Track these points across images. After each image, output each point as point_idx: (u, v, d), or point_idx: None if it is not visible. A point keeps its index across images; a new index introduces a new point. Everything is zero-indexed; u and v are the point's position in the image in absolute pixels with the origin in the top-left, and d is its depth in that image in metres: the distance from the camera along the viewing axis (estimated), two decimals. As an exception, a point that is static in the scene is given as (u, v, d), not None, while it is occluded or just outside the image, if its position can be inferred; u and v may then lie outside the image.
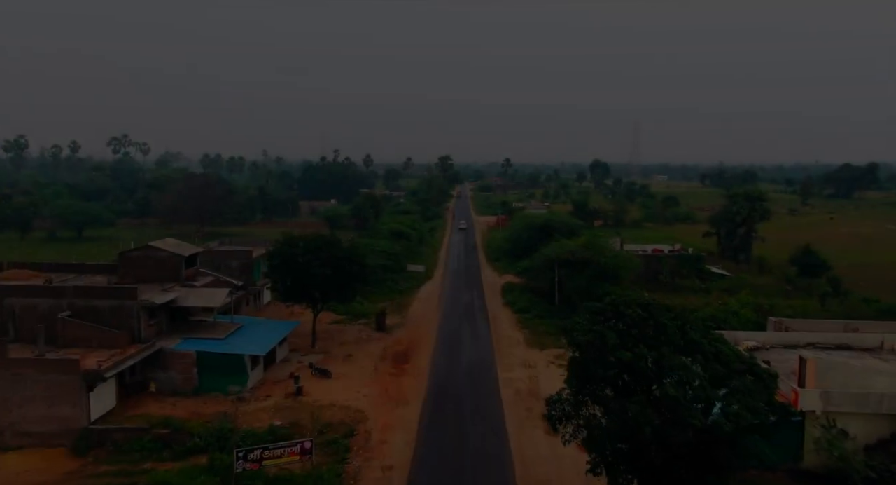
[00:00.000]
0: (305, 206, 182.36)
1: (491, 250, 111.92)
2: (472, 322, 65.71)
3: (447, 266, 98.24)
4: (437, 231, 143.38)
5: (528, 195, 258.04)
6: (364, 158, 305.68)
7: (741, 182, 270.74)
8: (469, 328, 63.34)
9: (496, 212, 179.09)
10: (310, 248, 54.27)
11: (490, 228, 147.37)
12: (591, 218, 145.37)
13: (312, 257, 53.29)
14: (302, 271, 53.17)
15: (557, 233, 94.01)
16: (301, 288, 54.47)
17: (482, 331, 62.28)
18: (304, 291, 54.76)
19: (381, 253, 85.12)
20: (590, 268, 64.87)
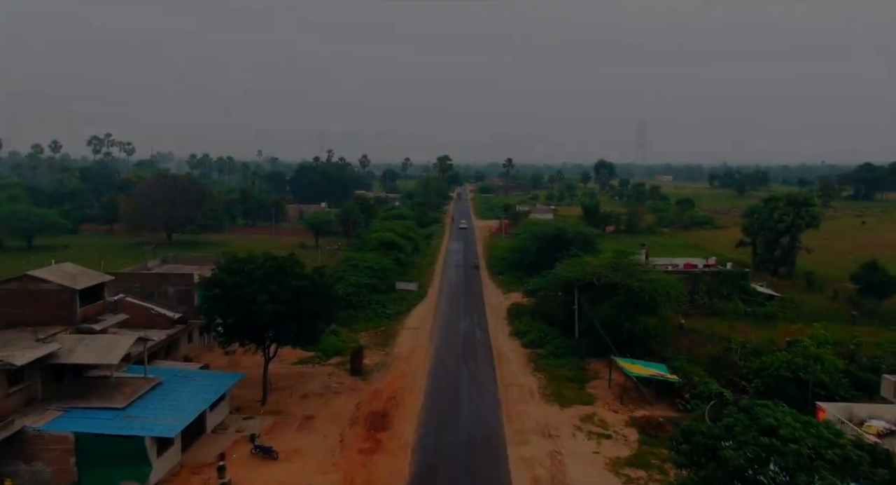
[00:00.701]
0: (294, 209, 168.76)
1: (494, 261, 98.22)
2: (472, 362, 52.00)
3: (444, 282, 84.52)
4: (435, 237, 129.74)
5: (531, 197, 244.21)
6: (360, 159, 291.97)
7: (753, 183, 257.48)
8: (468, 372, 49.64)
9: (498, 215, 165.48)
10: (257, 276, 40.64)
11: (492, 234, 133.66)
12: (603, 223, 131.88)
13: (261, 289, 39.68)
14: (247, 307, 39.55)
15: (572, 245, 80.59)
16: (247, 328, 40.83)
17: (485, 376, 48.61)
18: (252, 332, 41.12)
19: (365, 270, 71.60)
20: (620, 294, 51.16)
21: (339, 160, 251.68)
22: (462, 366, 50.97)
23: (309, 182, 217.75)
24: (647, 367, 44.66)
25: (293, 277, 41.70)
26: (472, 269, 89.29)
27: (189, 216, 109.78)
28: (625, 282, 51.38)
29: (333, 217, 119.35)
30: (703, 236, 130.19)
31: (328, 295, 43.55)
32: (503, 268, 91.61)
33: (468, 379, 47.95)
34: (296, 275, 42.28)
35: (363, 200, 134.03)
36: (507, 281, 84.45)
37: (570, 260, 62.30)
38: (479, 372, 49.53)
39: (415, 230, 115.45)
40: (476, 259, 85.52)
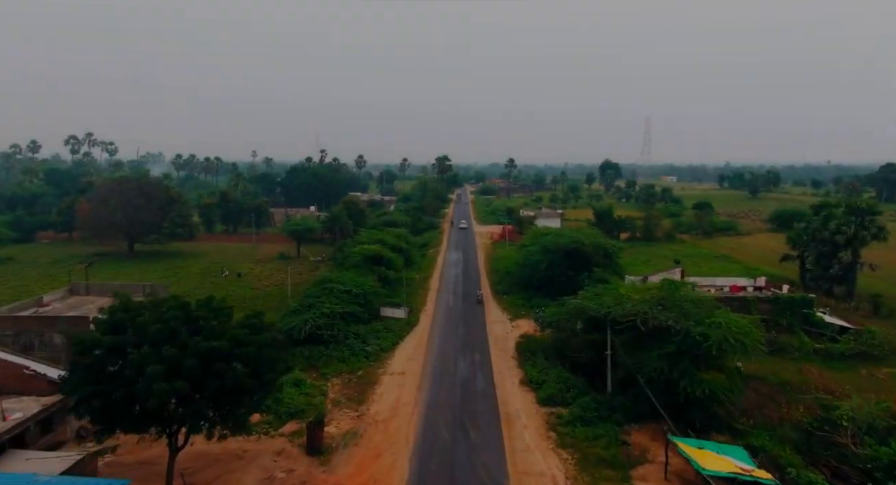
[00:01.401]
0: (281, 214, 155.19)
1: (498, 277, 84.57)
2: (472, 429, 38.43)
3: (439, 304, 70.85)
4: (432, 246, 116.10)
5: (534, 199, 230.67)
6: (356, 159, 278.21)
7: (766, 184, 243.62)
8: (467, 447, 36.08)
9: (500, 220, 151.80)
10: (151, 334, 27.10)
11: (494, 242, 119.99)
12: (617, 230, 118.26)
13: (152, 355, 26.19)
14: (131, 383, 26.02)
15: (591, 260, 67.16)
16: (134, 412, 27.22)
17: (490, 456, 35.01)
18: (142, 418, 27.47)
19: (342, 296, 57.96)
20: (672, 340, 37.53)
21: (333, 161, 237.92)
22: (459, 437, 37.37)
23: (300, 184, 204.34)
24: (720, 454, 31.08)
25: (206, 335, 28.08)
26: (476, 303, 75.07)
27: (153, 224, 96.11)
28: (680, 325, 37.70)
29: (318, 224, 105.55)
30: (728, 245, 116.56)
31: (265, 359, 29.79)
32: (508, 286, 78.02)
33: (467, 462, 34.34)
34: (211, 331, 28.63)
35: (352, 205, 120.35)
36: (513, 303, 70.86)
37: (598, 288, 48.78)
38: (481, 447, 35.94)
39: (408, 239, 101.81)
40: (480, 291, 70.17)
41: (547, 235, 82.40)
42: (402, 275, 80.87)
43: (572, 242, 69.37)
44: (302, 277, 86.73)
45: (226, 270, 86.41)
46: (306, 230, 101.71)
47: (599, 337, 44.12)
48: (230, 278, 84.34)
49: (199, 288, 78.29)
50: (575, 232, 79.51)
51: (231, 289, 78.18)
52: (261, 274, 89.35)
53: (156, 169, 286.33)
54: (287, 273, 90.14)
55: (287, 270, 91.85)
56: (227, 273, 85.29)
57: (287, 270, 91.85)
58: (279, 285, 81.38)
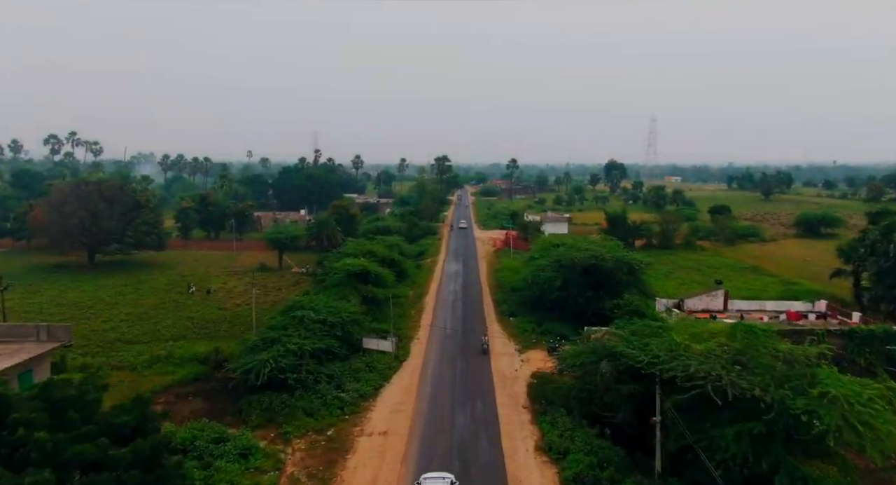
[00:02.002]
0: (269, 218, 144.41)
1: (502, 294, 73.56)
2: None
3: (435, 331, 59.78)
4: (429, 255, 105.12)
5: (537, 201, 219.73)
6: (353, 160, 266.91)
7: (778, 185, 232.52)
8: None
9: (503, 224, 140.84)
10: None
11: (497, 250, 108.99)
12: (632, 236, 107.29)
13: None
14: None
15: (613, 278, 56.29)
16: None
17: None
18: None
19: (315, 327, 46.96)
20: (760, 415, 26.47)
21: (328, 161, 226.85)
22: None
23: (292, 186, 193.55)
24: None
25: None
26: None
27: (114, 231, 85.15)
28: (770, 396, 26.60)
29: (303, 231, 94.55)
30: (753, 253, 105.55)
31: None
32: (515, 306, 66.97)
33: None
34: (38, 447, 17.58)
35: (342, 210, 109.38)
36: (521, 328, 59.83)
37: (635, 323, 37.84)
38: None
39: (402, 248, 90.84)
40: (486, 338, 53.14)
41: (559, 247, 71.42)
42: (393, 292, 70.02)
43: (591, 257, 58.27)
44: (281, 294, 75.78)
45: (192, 285, 75.48)
46: (289, 239, 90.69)
47: (640, 392, 33.23)
48: (198, 295, 73.46)
49: (160, 307, 67.47)
50: (591, 243, 68.51)
51: (195, 309, 67.30)
52: (234, 289, 78.43)
53: (145, 170, 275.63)
54: (264, 289, 79.56)
55: (265, 285, 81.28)
56: (193, 289, 74.39)
57: (265, 285, 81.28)
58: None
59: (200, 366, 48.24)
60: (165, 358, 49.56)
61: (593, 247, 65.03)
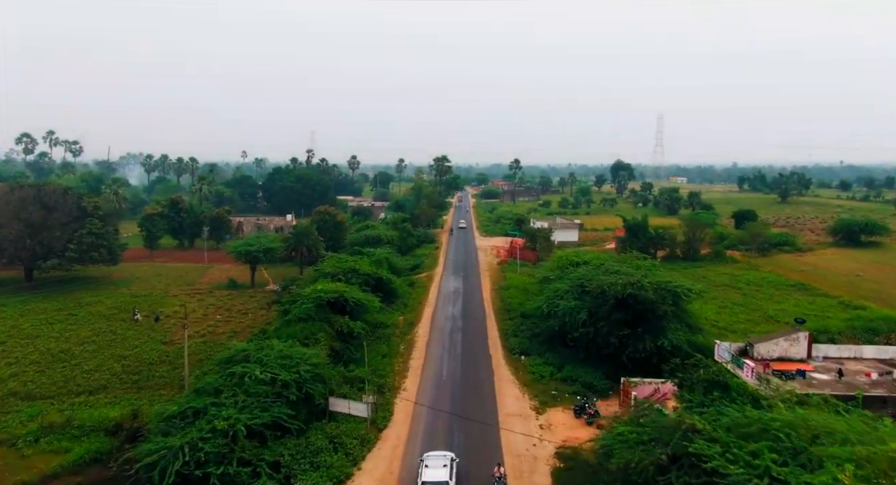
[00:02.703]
0: (251, 223, 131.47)
1: (511, 323, 60.37)
2: None
3: (426, 378, 46.63)
4: (425, 267, 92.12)
5: (542, 204, 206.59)
6: (349, 160, 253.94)
7: (796, 186, 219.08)
8: None
9: (507, 231, 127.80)
10: None
11: (501, 262, 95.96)
12: (654, 246, 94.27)
13: None
14: None
15: (656, 313, 43.39)
16: None
17: None
18: None
19: (259, 389, 33.90)
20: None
21: (321, 161, 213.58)
22: None
23: (281, 188, 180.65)
24: None
25: None
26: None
27: (54, 244, 72.25)
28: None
29: (278, 243, 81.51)
30: (792, 265, 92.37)
31: None
32: (527, 340, 53.88)
33: None
34: None
35: (327, 216, 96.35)
36: (536, 373, 46.81)
37: (739, 420, 24.63)
38: None
39: (392, 263, 77.88)
40: (500, 471, 30.87)
41: (579, 266, 58.48)
42: (378, 319, 57.30)
43: (627, 285, 45.16)
44: (246, 320, 62.90)
45: (138, 311, 62.46)
46: (262, 251, 77.71)
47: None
48: (145, 322, 60.53)
49: (89, 342, 54.47)
50: (621, 263, 55.37)
51: (134, 343, 54.35)
52: (192, 314, 65.42)
53: (133, 171, 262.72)
54: (228, 313, 66.65)
55: (229, 308, 68.34)
56: (138, 316, 61.41)
57: (229, 308, 68.34)
58: (211, 334, 57.54)
59: (106, 439, 35.37)
60: (62, 427, 36.61)
61: (624, 268, 52.01)
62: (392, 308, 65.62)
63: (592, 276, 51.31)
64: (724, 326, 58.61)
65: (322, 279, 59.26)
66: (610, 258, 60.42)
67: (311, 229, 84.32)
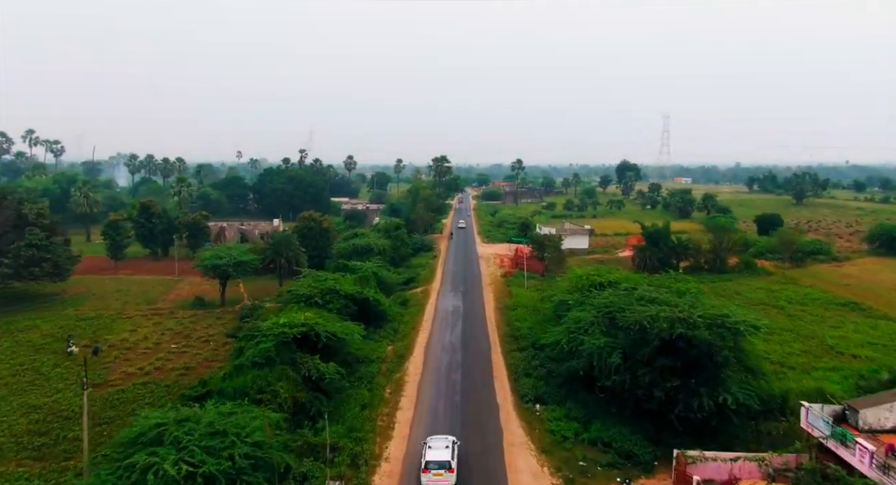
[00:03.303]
0: (234, 229, 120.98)
1: (521, 356, 49.78)
2: None
3: (413, 444, 35.99)
4: (420, 280, 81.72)
5: (546, 206, 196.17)
6: (345, 160, 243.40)
7: (813, 187, 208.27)
8: None
9: (511, 237, 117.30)
10: None
11: (506, 275, 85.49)
12: (677, 257, 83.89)
13: None
14: None
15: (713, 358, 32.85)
16: None
17: None
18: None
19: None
20: None
21: (315, 162, 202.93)
22: None
23: (272, 190, 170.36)
24: None
25: None
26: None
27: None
28: None
29: (252, 255, 71.03)
30: (831, 277, 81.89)
31: None
32: (542, 382, 43.37)
33: None
34: None
35: (312, 223, 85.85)
36: (557, 431, 36.25)
37: None
38: None
39: (382, 278, 67.35)
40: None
41: (604, 289, 47.94)
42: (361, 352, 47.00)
43: (674, 322, 34.57)
44: (205, 350, 52.54)
45: (73, 341, 51.97)
46: (232, 265, 67.26)
47: None
48: (81, 355, 50.03)
49: (0, 385, 43.96)
50: (657, 286, 44.87)
51: (55, 386, 43.89)
52: (143, 342, 55.08)
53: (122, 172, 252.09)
54: (187, 339, 56.18)
55: (189, 334, 57.84)
56: (73, 348, 50.94)
57: (189, 334, 57.84)
58: (158, 372, 47.12)
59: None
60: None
61: (663, 294, 41.53)
62: (379, 335, 55.18)
63: (623, 303, 40.94)
64: (777, 361, 48.06)
65: (293, 305, 48.87)
66: (640, 278, 49.94)
67: (290, 239, 73.86)
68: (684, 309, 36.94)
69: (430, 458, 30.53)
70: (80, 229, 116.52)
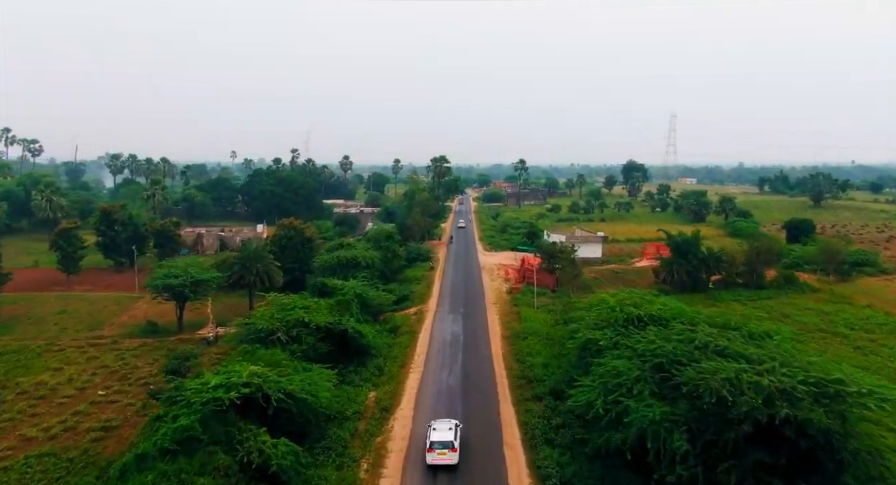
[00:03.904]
0: (212, 235, 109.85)
1: (536, 413, 38.64)
2: None
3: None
4: (414, 298, 70.70)
5: (550, 209, 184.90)
6: (341, 161, 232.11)
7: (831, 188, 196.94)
8: None
9: (516, 244, 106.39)
10: None
11: (512, 291, 74.44)
12: (707, 270, 72.88)
13: None
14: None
15: (837, 457, 20.91)
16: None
17: None
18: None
19: None
20: None
21: (307, 162, 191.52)
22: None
23: (260, 192, 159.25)
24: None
25: None
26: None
27: None
28: None
29: (215, 273, 59.92)
30: (885, 294, 70.84)
31: None
32: (568, 455, 32.23)
33: None
34: None
35: (292, 232, 74.75)
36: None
37: None
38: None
39: (367, 299, 56.14)
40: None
41: (645, 329, 36.72)
42: (327, 410, 36.05)
43: (772, 394, 23.51)
44: (138, 404, 41.41)
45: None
46: (189, 286, 56.18)
47: None
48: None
49: None
50: (723, 329, 33.74)
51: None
52: (67, 387, 44.04)
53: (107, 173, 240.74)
54: (121, 380, 45.13)
55: (125, 375, 46.74)
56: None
57: (125, 375, 46.74)
58: (70, 434, 36.01)
59: None
60: None
61: (734, 342, 30.52)
62: (361, 376, 44.11)
63: (680, 352, 29.95)
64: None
65: (245, 345, 37.82)
66: (692, 313, 38.70)
67: (261, 252, 62.76)
68: (774, 368, 25.93)
69: (435, 438, 31.43)
70: (44, 235, 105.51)
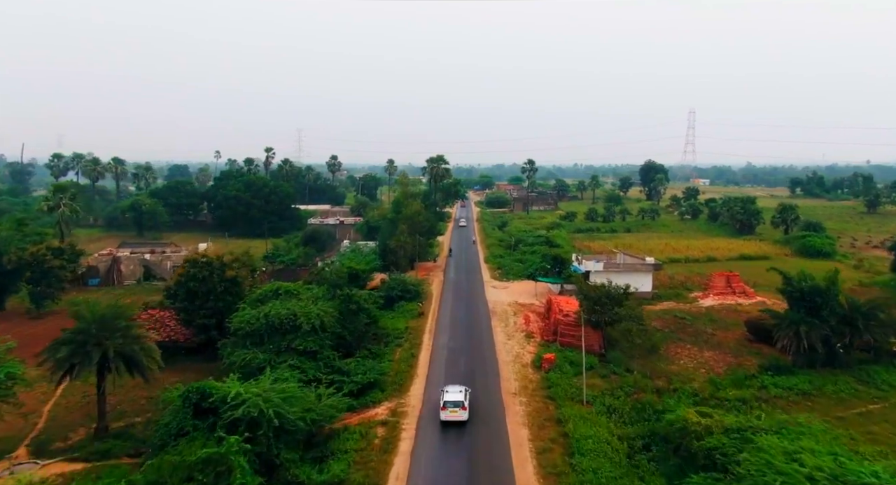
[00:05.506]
0: (134, 260, 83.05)
1: None
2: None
3: None
4: (387, 378, 44.01)
5: (565, 217, 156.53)
6: (329, 161, 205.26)
7: (889, 192, 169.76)
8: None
9: (532, 268, 79.91)
10: None
11: (543, 366, 47.35)
12: (852, 333, 45.90)
13: None
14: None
15: None
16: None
17: None
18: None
19: None
20: None
21: (284, 163, 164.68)
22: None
23: (225, 198, 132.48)
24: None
25: None
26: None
27: None
28: None
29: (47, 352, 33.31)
30: None
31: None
32: None
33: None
34: None
35: (206, 270, 48.12)
36: None
37: None
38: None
39: (287, 424, 29.37)
40: None
41: None
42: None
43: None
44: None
45: None
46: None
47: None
48: None
49: None
50: None
51: None
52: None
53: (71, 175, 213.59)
54: None
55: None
56: None
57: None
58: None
59: None
60: None
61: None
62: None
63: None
64: None
65: None
66: None
67: (118, 318, 35.99)
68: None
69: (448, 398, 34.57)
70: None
